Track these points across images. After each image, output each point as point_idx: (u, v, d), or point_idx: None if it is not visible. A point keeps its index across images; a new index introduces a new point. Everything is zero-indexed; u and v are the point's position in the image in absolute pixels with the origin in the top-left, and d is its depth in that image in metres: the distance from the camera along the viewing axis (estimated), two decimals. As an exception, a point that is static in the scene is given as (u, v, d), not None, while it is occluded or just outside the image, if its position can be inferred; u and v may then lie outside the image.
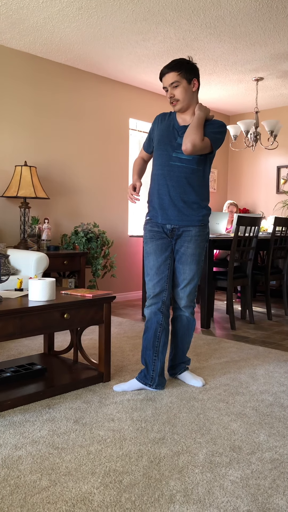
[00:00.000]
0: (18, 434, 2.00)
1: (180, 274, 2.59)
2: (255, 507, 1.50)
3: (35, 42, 4.29)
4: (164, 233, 2.56)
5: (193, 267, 2.57)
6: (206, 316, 4.11)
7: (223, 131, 2.50)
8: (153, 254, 2.55)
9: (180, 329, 2.68)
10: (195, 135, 2.39)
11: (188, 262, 2.56)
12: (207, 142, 2.43)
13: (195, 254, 2.56)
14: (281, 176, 6.42)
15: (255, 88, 5.59)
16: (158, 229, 2.57)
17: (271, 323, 4.40)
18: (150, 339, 2.54)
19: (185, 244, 2.54)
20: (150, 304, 2.56)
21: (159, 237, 2.56)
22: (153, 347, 2.54)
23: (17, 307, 2.26)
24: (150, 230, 2.59)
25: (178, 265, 2.58)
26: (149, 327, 2.55)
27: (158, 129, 2.58)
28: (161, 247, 2.55)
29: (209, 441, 1.96)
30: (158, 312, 2.53)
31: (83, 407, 2.30)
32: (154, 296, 2.54)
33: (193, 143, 2.38)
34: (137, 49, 4.43)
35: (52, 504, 1.50)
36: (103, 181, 5.34)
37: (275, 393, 2.55)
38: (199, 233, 2.56)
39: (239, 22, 3.83)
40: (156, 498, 1.54)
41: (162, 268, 2.54)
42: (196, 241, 2.55)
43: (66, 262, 4.31)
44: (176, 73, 2.42)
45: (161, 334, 2.54)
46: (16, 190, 4.16)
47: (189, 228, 2.54)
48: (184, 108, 2.49)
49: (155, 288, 2.54)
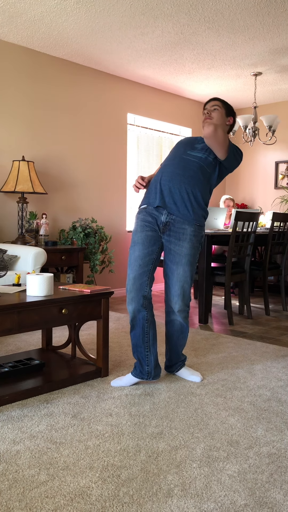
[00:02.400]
0: (16, 428, 2.01)
1: (173, 276, 2.50)
2: (252, 501, 1.51)
3: (32, 36, 4.27)
4: (157, 226, 2.49)
5: (187, 268, 2.49)
6: (204, 311, 4.11)
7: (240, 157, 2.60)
8: (141, 245, 2.46)
9: (173, 334, 2.62)
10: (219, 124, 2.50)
11: (182, 263, 2.48)
12: (227, 141, 2.48)
13: (189, 254, 2.48)
14: (279, 171, 6.42)
15: (253, 83, 5.58)
16: (151, 219, 2.49)
17: (268, 318, 4.41)
18: (139, 336, 2.48)
19: (180, 243, 2.47)
20: (131, 300, 2.45)
21: (150, 229, 2.49)
22: (143, 343, 2.49)
23: (15, 302, 2.26)
24: (142, 220, 2.51)
25: (172, 266, 2.50)
26: (136, 324, 2.48)
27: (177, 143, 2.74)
28: (150, 239, 2.47)
29: (207, 435, 1.97)
30: (141, 309, 2.46)
31: (81, 402, 2.30)
32: (136, 290, 2.44)
33: (215, 126, 2.43)
34: (135, 43, 4.41)
35: (50, 498, 1.50)
36: (101, 176, 5.33)
37: (273, 388, 2.55)
38: (194, 233, 2.49)
39: (238, 17, 3.82)
40: (154, 492, 1.55)
41: (146, 260, 2.46)
42: (191, 241, 2.48)
43: (64, 258, 4.30)
44: (220, 103, 2.61)
45: (149, 329, 2.48)
46: (14, 185, 4.14)
47: (184, 226, 2.47)
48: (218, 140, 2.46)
49: (137, 281, 2.44)
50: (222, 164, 2.56)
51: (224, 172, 2.60)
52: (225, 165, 2.56)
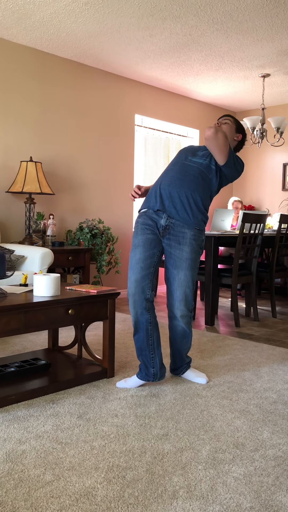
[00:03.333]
0: (22, 428, 2.01)
1: (174, 281, 2.49)
2: (258, 504, 1.50)
3: (41, 38, 4.29)
4: (157, 229, 2.49)
5: (188, 273, 2.48)
6: (211, 313, 4.10)
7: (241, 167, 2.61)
8: (142, 247, 2.46)
9: (176, 339, 2.61)
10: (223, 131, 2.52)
11: (183, 267, 2.47)
12: (228, 146, 2.49)
13: (190, 258, 2.47)
14: (287, 173, 6.39)
15: (261, 84, 5.56)
16: (151, 222, 2.49)
17: (275, 321, 4.39)
18: (143, 339, 2.47)
19: (180, 247, 2.46)
20: (134, 303, 2.44)
21: (151, 232, 2.49)
22: (148, 345, 2.48)
23: (22, 302, 2.26)
24: (143, 223, 2.52)
25: (173, 270, 2.49)
26: (139, 328, 2.47)
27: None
28: (151, 242, 2.47)
29: (213, 437, 1.96)
30: (145, 312, 2.45)
31: (87, 403, 2.31)
32: (138, 293, 2.43)
33: (216, 129, 2.46)
34: (143, 44, 4.41)
35: (55, 498, 1.51)
36: (108, 177, 5.34)
37: (279, 390, 2.54)
38: (194, 237, 2.48)
39: (246, 18, 3.81)
40: (159, 493, 1.55)
41: (148, 263, 2.45)
42: (191, 245, 2.47)
43: (71, 258, 4.31)
44: (232, 119, 2.71)
45: (153, 332, 2.48)
46: (22, 185, 4.16)
47: (184, 229, 2.47)
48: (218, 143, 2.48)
49: (139, 284, 2.43)
50: (222, 172, 2.56)
51: (224, 180, 2.60)
52: (225, 173, 2.56)
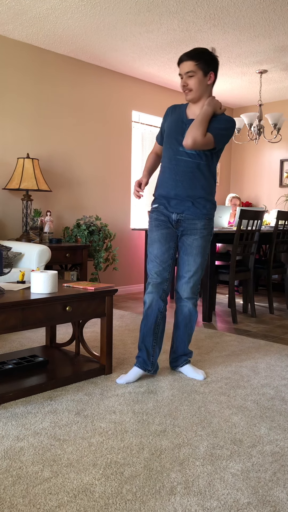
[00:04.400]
0: (20, 425, 2.01)
1: (184, 266, 2.60)
2: (256, 499, 1.51)
3: (37, 33, 4.27)
4: (170, 223, 2.58)
5: (198, 260, 2.58)
6: (208, 309, 4.11)
7: (229, 127, 2.46)
8: (158, 243, 2.56)
9: (182, 321, 2.69)
10: (197, 130, 2.38)
11: (194, 254, 2.58)
12: (210, 138, 2.40)
13: (201, 246, 2.58)
14: (284, 169, 6.39)
15: (259, 80, 5.56)
16: (164, 218, 2.58)
17: (272, 317, 4.40)
18: (150, 326, 2.57)
19: (191, 236, 2.56)
20: (151, 291, 2.57)
21: (165, 227, 2.58)
22: (153, 333, 2.58)
23: (19, 299, 2.26)
24: (156, 219, 2.60)
25: (183, 256, 2.60)
26: (150, 314, 2.57)
27: (168, 122, 2.60)
28: (166, 236, 2.57)
29: (210, 434, 1.97)
30: (159, 300, 2.56)
31: (85, 399, 2.31)
32: (156, 284, 2.56)
33: (194, 139, 2.37)
34: (140, 40, 4.40)
35: (53, 495, 1.51)
36: (105, 174, 5.33)
37: (276, 386, 2.55)
38: (205, 226, 2.57)
39: (243, 14, 3.80)
40: (157, 489, 1.55)
41: (166, 257, 2.56)
42: (202, 234, 2.57)
43: (68, 255, 4.31)
44: (194, 63, 2.39)
45: (160, 322, 2.59)
46: (19, 182, 4.15)
47: (194, 221, 2.55)
48: (195, 99, 2.48)
49: (158, 276, 2.56)
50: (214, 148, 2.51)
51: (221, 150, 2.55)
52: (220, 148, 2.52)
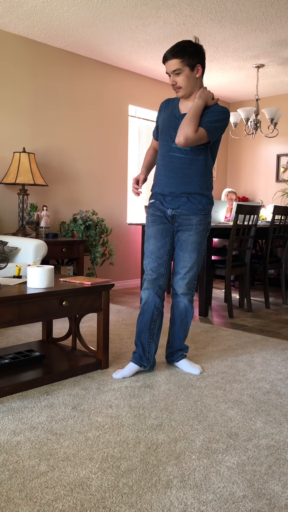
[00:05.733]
0: (17, 420, 2.02)
1: (180, 262, 2.59)
2: (251, 492, 1.52)
3: (33, 27, 4.24)
4: (166, 219, 2.57)
5: (194, 255, 2.57)
6: (204, 304, 4.12)
7: (223, 119, 2.41)
8: (154, 238, 2.56)
9: (177, 316, 2.69)
10: (188, 127, 2.33)
11: (189, 250, 2.56)
12: (202, 133, 2.36)
13: (196, 242, 2.56)
14: (280, 164, 6.39)
15: (255, 75, 5.54)
16: (160, 213, 2.58)
17: (269, 312, 4.41)
18: (146, 322, 2.57)
19: (187, 232, 2.55)
20: (147, 287, 2.57)
21: (161, 222, 2.57)
22: (149, 329, 2.58)
23: (16, 294, 2.26)
24: (152, 214, 2.60)
25: (179, 252, 2.59)
26: (146, 310, 2.57)
27: (161, 117, 2.57)
28: (162, 232, 2.56)
29: (206, 428, 1.98)
30: (156, 296, 2.56)
31: (81, 394, 2.32)
32: (152, 280, 2.56)
33: (185, 136, 2.33)
34: (137, 34, 4.37)
35: (50, 489, 1.52)
36: (102, 168, 5.31)
37: (272, 380, 2.56)
38: (201, 222, 2.56)
39: (241, 8, 3.78)
40: (153, 483, 1.56)
41: (161, 252, 2.56)
42: (197, 229, 2.55)
43: (65, 250, 4.30)
44: (179, 61, 2.35)
45: (157, 318, 2.58)
46: (15, 176, 4.13)
47: (190, 216, 2.54)
48: (186, 95, 2.46)
49: (153, 272, 2.55)
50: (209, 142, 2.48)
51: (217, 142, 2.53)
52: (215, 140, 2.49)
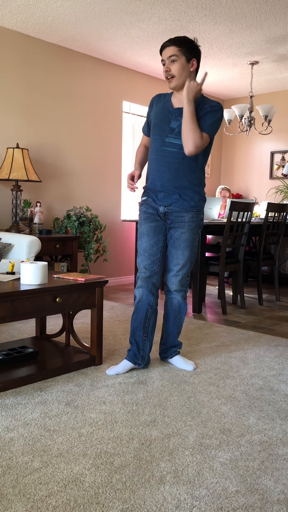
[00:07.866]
0: (10, 416, 2.01)
1: (172, 259, 2.59)
2: (244, 487, 1.53)
3: (27, 21, 4.21)
4: (158, 216, 2.56)
5: (186, 253, 2.57)
6: (198, 300, 4.13)
7: (220, 116, 2.44)
8: (146, 236, 2.56)
9: (171, 313, 2.69)
10: (194, 133, 2.34)
11: (181, 247, 2.56)
12: (207, 137, 2.42)
13: (189, 239, 2.56)
14: (274, 161, 6.41)
15: (250, 72, 5.54)
16: (152, 211, 2.57)
17: (262, 308, 4.43)
18: (140, 320, 2.57)
19: (179, 230, 2.54)
20: (141, 285, 2.57)
21: (153, 219, 2.56)
22: (143, 327, 2.58)
23: (9, 290, 2.25)
24: (144, 212, 2.60)
25: (171, 250, 2.59)
26: (140, 308, 2.57)
27: (153, 112, 2.55)
28: (154, 229, 2.56)
29: (200, 424, 1.99)
30: (149, 294, 2.56)
31: (75, 390, 2.31)
32: (145, 278, 2.56)
33: (196, 144, 2.36)
34: (131, 30, 4.36)
35: (44, 485, 1.52)
36: (96, 164, 5.30)
37: (265, 377, 2.58)
38: (193, 219, 2.55)
39: (235, 4, 3.78)
40: (146, 479, 1.57)
41: (154, 250, 2.55)
42: (190, 227, 2.54)
43: (58, 246, 4.29)
44: (177, 48, 2.37)
45: (151, 316, 2.59)
46: (8, 172, 4.11)
47: (182, 213, 2.53)
48: (178, 86, 2.45)
49: (147, 270, 2.55)
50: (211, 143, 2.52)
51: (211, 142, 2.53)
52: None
